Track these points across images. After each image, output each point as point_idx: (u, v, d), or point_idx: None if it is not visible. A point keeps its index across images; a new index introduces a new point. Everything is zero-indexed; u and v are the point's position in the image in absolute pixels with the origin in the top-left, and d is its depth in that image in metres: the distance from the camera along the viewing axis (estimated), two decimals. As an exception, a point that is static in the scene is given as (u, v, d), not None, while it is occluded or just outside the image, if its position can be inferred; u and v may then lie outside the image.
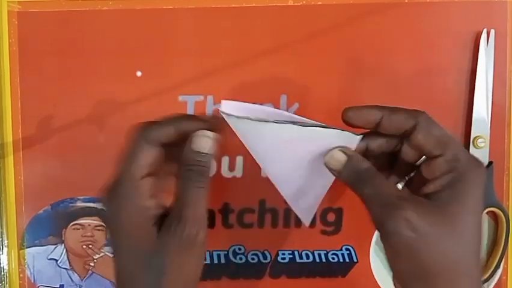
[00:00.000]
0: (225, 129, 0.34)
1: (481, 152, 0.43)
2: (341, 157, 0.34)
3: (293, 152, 0.35)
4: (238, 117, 0.33)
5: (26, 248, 0.44)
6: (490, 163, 0.44)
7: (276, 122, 0.34)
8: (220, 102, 0.35)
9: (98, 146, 0.43)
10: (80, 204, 0.44)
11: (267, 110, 0.35)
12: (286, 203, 0.44)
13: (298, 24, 0.43)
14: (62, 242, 0.44)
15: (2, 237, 0.44)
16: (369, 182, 0.32)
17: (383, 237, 0.31)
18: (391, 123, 0.33)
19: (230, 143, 0.35)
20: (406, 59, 0.44)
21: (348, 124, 0.34)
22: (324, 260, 0.44)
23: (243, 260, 0.45)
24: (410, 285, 0.32)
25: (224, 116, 0.34)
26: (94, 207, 0.44)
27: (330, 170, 0.34)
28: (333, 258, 0.44)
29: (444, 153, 0.32)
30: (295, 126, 0.34)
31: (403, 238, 0.30)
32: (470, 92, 0.44)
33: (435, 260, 0.30)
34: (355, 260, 0.45)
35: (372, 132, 0.35)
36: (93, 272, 0.45)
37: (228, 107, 0.34)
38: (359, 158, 0.33)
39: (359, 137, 0.34)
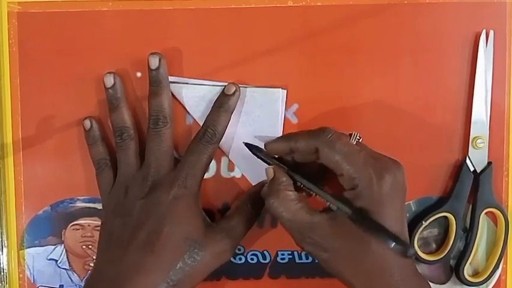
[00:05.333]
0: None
1: (480, 152, 0.44)
2: (269, 174, 0.39)
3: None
4: (178, 83, 0.42)
5: (26, 248, 0.44)
6: (489, 164, 0.44)
7: (210, 84, 0.42)
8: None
9: (98, 147, 0.43)
10: (79, 204, 0.44)
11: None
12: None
13: (298, 25, 0.43)
14: (62, 242, 0.44)
15: (1, 238, 0.44)
16: (287, 208, 0.37)
17: (311, 255, 0.38)
18: (299, 151, 0.38)
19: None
20: (405, 59, 0.44)
21: (272, 155, 0.40)
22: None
23: (243, 260, 0.45)
24: (348, 283, 0.37)
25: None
26: (93, 208, 0.44)
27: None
28: (332, 259, 0.44)
29: (343, 173, 0.35)
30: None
31: (319, 258, 0.37)
32: (470, 92, 0.44)
33: (351, 269, 0.36)
34: (354, 261, 0.45)
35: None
36: (93, 272, 0.44)
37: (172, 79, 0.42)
38: (282, 182, 0.38)
39: (282, 91, 0.42)
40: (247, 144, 0.41)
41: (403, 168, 0.37)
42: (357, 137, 0.38)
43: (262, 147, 0.41)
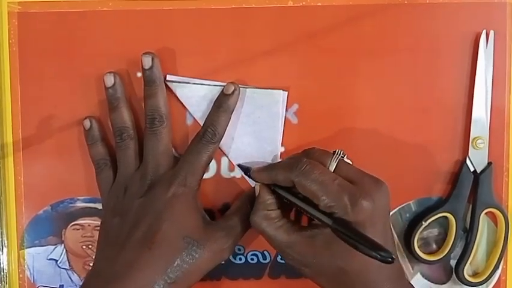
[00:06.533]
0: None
1: (480, 152, 0.44)
2: (256, 191, 0.40)
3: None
4: (179, 82, 0.42)
5: (26, 248, 0.44)
6: (489, 164, 0.44)
7: (211, 84, 0.42)
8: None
9: (98, 147, 0.43)
10: (80, 204, 0.44)
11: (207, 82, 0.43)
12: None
13: (298, 25, 0.43)
14: (62, 242, 0.44)
15: (1, 238, 0.44)
16: (268, 225, 0.38)
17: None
18: (279, 183, 0.38)
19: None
20: (406, 59, 0.44)
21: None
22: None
23: (243, 261, 0.45)
24: None
25: (168, 83, 0.42)
26: (93, 208, 0.44)
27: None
28: (332, 259, 0.45)
29: (319, 203, 0.36)
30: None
31: (302, 272, 0.39)
32: (470, 92, 0.44)
33: (333, 284, 0.38)
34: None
35: None
36: (93, 272, 0.44)
37: (172, 78, 0.42)
38: (265, 200, 0.39)
39: (283, 93, 0.43)
40: (239, 165, 0.43)
41: (386, 188, 0.37)
42: (341, 155, 0.38)
43: (263, 147, 0.41)
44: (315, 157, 0.38)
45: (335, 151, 0.38)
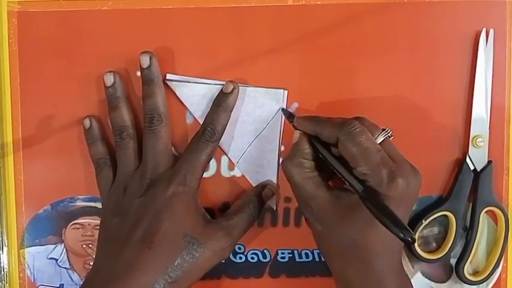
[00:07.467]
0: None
1: (480, 151, 0.44)
2: (294, 138, 0.40)
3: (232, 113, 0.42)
4: (179, 81, 0.42)
5: (26, 247, 0.44)
6: (489, 162, 0.44)
7: (210, 83, 0.42)
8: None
9: (98, 146, 0.43)
10: (80, 203, 0.44)
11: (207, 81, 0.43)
12: (285, 201, 0.44)
13: (298, 24, 0.43)
14: (62, 241, 0.44)
15: (2, 237, 0.44)
16: (298, 173, 0.38)
17: (306, 222, 0.40)
18: (322, 136, 0.38)
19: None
20: (406, 58, 0.44)
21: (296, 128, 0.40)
22: (323, 259, 0.44)
23: (243, 260, 0.45)
24: (329, 261, 0.39)
25: (168, 83, 0.42)
26: (93, 207, 0.44)
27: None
28: (332, 258, 0.45)
29: (356, 168, 0.36)
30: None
31: (314, 229, 0.39)
32: (470, 91, 0.44)
33: (337, 249, 0.37)
34: (355, 259, 0.45)
35: None
36: (93, 272, 0.44)
37: (172, 77, 0.43)
38: (302, 149, 0.39)
39: (283, 92, 0.43)
40: (283, 110, 0.43)
41: (421, 178, 0.37)
42: (389, 134, 0.38)
43: (263, 146, 0.41)
44: (365, 125, 0.37)
45: (384, 128, 0.38)
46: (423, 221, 0.44)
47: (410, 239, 0.32)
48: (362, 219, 0.36)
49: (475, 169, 0.44)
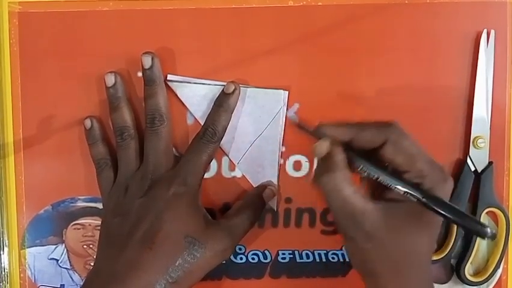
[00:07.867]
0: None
1: (480, 152, 0.44)
2: (321, 148, 0.35)
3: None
4: (180, 81, 0.42)
5: (27, 248, 0.44)
6: (490, 163, 0.44)
7: (211, 84, 0.42)
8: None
9: (98, 146, 0.43)
10: (80, 204, 0.44)
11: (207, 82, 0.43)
12: (286, 202, 0.44)
13: (299, 25, 0.43)
14: (63, 242, 0.44)
15: (2, 237, 0.44)
16: (342, 188, 0.34)
17: (345, 241, 0.36)
18: (361, 141, 0.35)
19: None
20: (406, 59, 0.44)
21: (319, 136, 0.36)
22: (324, 260, 0.44)
23: (244, 260, 0.45)
24: (364, 279, 0.36)
25: (169, 83, 0.42)
26: (94, 207, 0.44)
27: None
28: (333, 258, 0.45)
29: (411, 169, 0.34)
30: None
31: (361, 247, 0.35)
32: (470, 92, 0.44)
33: (387, 263, 0.34)
34: (355, 260, 0.45)
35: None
36: (94, 272, 0.45)
37: (173, 78, 0.43)
38: (340, 159, 0.34)
39: (284, 92, 0.42)
40: (290, 118, 0.42)
41: (451, 181, 0.35)
42: None
43: (264, 146, 0.41)
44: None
45: None
46: (424, 222, 0.44)
47: (494, 233, 0.30)
48: (414, 230, 0.34)
49: (475, 170, 0.44)
